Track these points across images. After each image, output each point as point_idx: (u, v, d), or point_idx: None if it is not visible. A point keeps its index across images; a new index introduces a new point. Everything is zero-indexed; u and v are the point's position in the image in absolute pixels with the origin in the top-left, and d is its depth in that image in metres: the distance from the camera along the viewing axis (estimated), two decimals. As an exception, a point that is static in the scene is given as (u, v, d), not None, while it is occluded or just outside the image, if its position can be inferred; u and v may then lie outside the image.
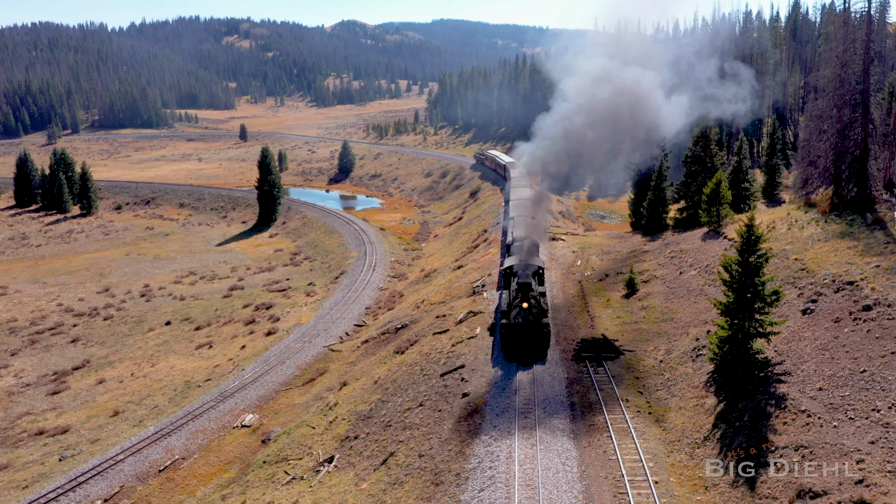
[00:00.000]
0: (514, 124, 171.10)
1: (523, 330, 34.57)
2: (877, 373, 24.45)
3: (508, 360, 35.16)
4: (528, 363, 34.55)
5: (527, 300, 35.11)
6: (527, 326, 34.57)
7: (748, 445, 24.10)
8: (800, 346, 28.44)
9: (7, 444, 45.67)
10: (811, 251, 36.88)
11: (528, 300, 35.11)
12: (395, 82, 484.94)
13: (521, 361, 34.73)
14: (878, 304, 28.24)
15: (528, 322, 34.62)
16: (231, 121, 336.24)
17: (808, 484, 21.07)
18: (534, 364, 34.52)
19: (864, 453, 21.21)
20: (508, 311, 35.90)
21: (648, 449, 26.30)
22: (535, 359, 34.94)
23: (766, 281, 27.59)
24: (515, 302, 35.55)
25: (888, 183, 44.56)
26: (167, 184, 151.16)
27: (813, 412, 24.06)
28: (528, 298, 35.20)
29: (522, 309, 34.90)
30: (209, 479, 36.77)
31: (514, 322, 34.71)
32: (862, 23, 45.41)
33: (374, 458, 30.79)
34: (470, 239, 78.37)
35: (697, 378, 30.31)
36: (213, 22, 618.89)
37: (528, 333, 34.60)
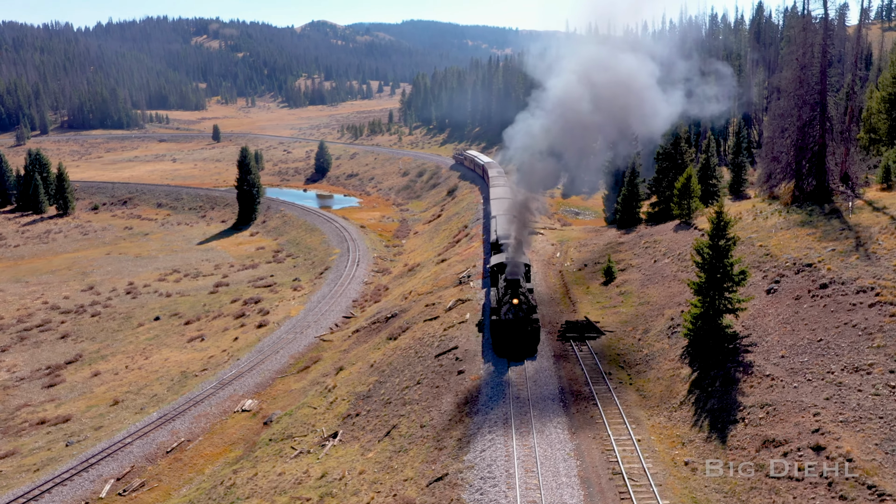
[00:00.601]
0: (489, 124, 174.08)
1: (513, 326, 35.09)
2: (831, 341, 27.54)
3: (499, 355, 35.80)
4: (519, 359, 35.23)
5: (517, 297, 35.65)
6: (516, 322, 35.07)
7: (720, 406, 27.03)
8: (764, 321, 31.52)
9: (9, 434, 46.94)
10: (774, 238, 40.12)
11: (517, 297, 35.65)
12: (367, 83, 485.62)
13: (512, 357, 35.38)
14: (833, 282, 31.42)
15: (518, 318, 35.12)
16: (202, 121, 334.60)
17: (772, 435, 24.03)
18: (525, 360, 35.16)
19: (819, 408, 24.21)
20: (498, 308, 36.36)
21: (631, 414, 29.12)
22: (525, 354, 35.60)
23: (734, 262, 30.59)
24: (505, 299, 36.04)
25: (844, 176, 48.03)
26: (144, 184, 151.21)
27: (776, 376, 27.07)
28: (518, 295, 35.74)
29: (512, 305, 35.43)
30: (216, 458, 38.76)
31: (505, 318, 35.24)
32: (819, 28, 48.90)
33: (378, 431, 33.17)
34: (451, 235, 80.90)
35: (673, 352, 33.26)
36: (182, 22, 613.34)
37: (518, 329, 35.13)
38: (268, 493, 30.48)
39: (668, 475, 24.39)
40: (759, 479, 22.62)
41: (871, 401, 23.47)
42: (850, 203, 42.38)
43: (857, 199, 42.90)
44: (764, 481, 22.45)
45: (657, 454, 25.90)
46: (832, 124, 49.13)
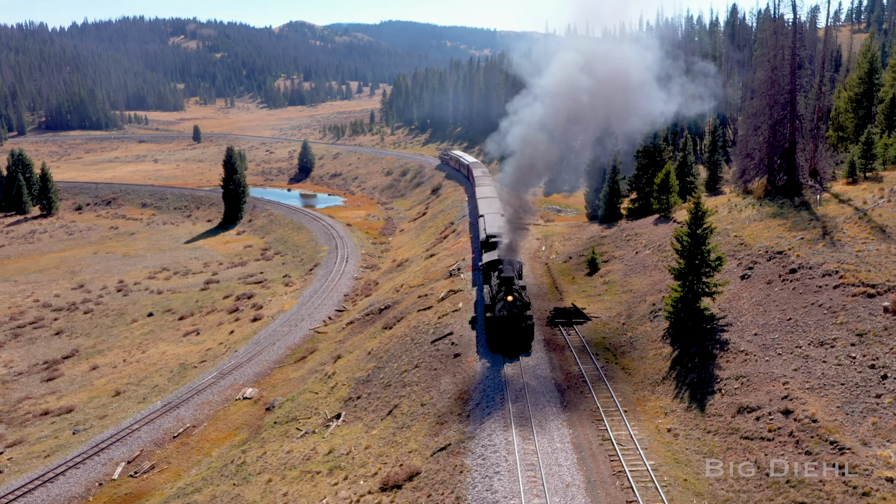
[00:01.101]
0: (470, 124, 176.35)
1: (508, 322, 35.49)
2: (799, 319, 30.09)
3: (494, 351, 36.28)
4: (514, 355, 35.66)
5: (511, 293, 36.02)
6: (511, 319, 35.47)
7: (698, 380, 29.47)
8: (739, 304, 34.06)
9: (14, 425, 48.17)
10: (748, 229, 42.77)
11: (512, 293, 36.05)
12: (346, 83, 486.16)
13: (507, 353, 35.87)
14: (802, 267, 34.03)
15: (513, 315, 35.51)
16: (181, 122, 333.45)
17: (746, 403, 26.48)
18: (519, 356, 35.58)
19: (788, 378, 26.70)
20: (493, 305, 36.71)
21: (618, 389, 31.47)
22: (519, 350, 36.03)
23: (711, 250, 33.08)
24: (500, 295, 36.40)
25: (813, 171, 50.92)
26: (128, 184, 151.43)
27: (749, 351, 29.57)
28: (513, 292, 36.15)
29: (507, 302, 35.78)
30: (221, 441, 40.52)
31: (500, 315, 35.66)
32: (789, 31, 51.78)
33: (380, 411, 35.21)
34: (437, 231, 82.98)
35: (655, 334, 35.69)
36: (159, 22, 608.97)
37: (512, 325, 35.52)
38: (278, 469, 32.39)
39: (653, 440, 26.74)
40: (735, 441, 25.05)
41: (834, 370, 25.99)
42: (818, 196, 45.20)
43: (824, 193, 45.75)
44: (739, 442, 24.88)
45: (642, 423, 28.26)
46: (802, 123, 52.04)
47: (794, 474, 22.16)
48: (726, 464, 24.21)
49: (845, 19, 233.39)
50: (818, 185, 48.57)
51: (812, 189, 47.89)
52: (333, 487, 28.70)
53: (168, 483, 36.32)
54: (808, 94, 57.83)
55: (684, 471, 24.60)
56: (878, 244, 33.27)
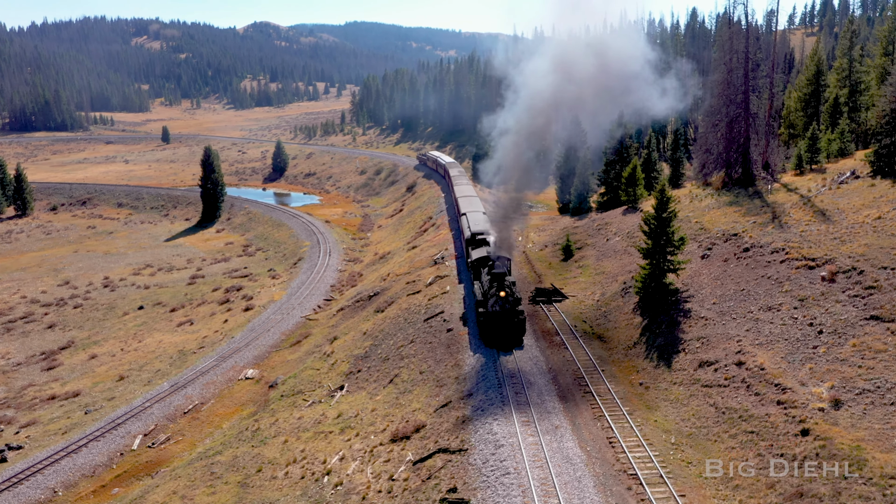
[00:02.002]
0: (441, 124, 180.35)
1: (501, 317, 36.09)
2: (751, 290, 34.61)
3: (488, 346, 36.91)
4: (507, 349, 36.29)
5: (503, 289, 36.64)
6: (504, 314, 36.06)
7: (665, 342, 33.80)
8: (700, 279, 38.53)
9: (23, 409, 50.54)
10: (707, 216, 47.43)
11: (504, 289, 36.69)
12: (313, 84, 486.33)
13: (500, 347, 36.41)
14: (754, 246, 38.65)
15: (506, 310, 36.10)
16: (147, 123, 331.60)
17: (706, 358, 30.84)
18: (513, 350, 36.26)
19: (741, 337, 31.13)
20: (485, 301, 37.45)
21: (595, 353, 35.66)
22: (513, 345, 36.66)
23: (675, 231, 37.47)
24: (492, 291, 36.99)
25: (765, 164, 55.90)
26: (103, 184, 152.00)
27: (709, 317, 33.99)
28: (505, 287, 36.84)
29: (500, 298, 36.32)
30: (230, 416, 43.72)
31: (492, 310, 36.20)
32: (743, 35, 56.69)
33: (381, 380, 38.87)
34: (416, 226, 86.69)
35: (627, 307, 40.01)
36: (121, 22, 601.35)
37: (506, 320, 36.18)
38: (292, 432, 35.86)
39: (627, 392, 30.95)
40: (696, 389, 29.38)
41: (779, 329, 30.47)
42: (770, 186, 50.12)
43: (775, 183, 50.70)
44: (700, 389, 29.20)
45: (618, 379, 32.48)
46: (755, 120, 57.05)
47: (746, 411, 26.52)
48: (689, 407, 28.52)
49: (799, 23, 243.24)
50: (770, 176, 53.54)
51: (764, 180, 52.83)
52: (347, 443, 32.32)
53: (185, 451, 39.44)
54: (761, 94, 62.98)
55: (655, 414, 28.83)
56: (819, 225, 38.02)
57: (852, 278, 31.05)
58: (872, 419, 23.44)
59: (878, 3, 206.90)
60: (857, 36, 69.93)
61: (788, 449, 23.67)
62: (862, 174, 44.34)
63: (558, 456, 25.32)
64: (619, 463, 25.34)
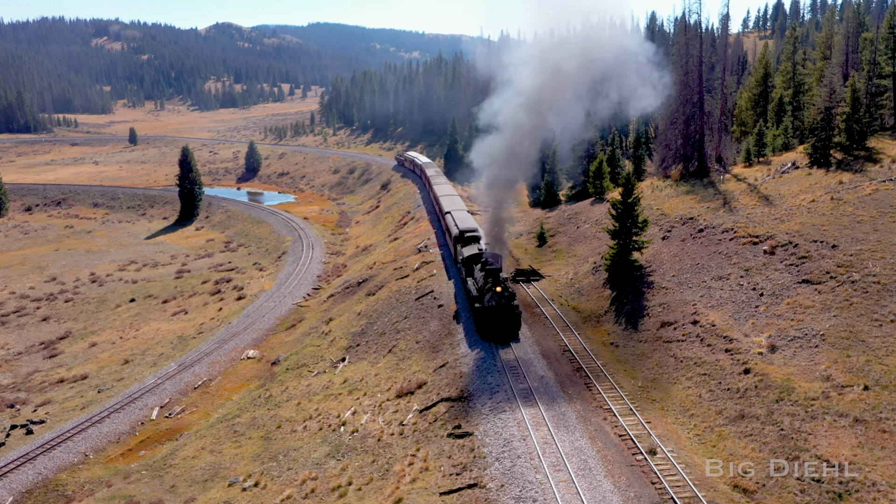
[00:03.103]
0: (411, 124, 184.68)
1: (497, 312, 36.85)
2: (704, 263, 39.91)
3: (485, 339, 37.71)
4: (505, 342, 37.08)
5: (499, 284, 37.36)
6: (500, 309, 36.81)
7: (632, 309, 38.91)
8: (661, 256, 43.78)
9: (34, 391, 53.48)
10: (667, 203, 52.83)
11: (500, 284, 37.40)
12: (278, 86, 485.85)
13: (498, 341, 37.22)
14: (707, 227, 44.05)
15: (502, 305, 36.87)
16: (112, 125, 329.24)
17: (666, 319, 35.99)
18: (510, 343, 36.97)
19: (696, 301, 36.35)
20: (481, 297, 38.25)
21: (571, 321, 40.61)
22: (509, 338, 37.38)
23: (639, 214, 42.63)
24: (487, 287, 37.68)
25: (718, 158, 61.65)
26: (77, 185, 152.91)
27: (669, 287, 39.19)
28: (500, 283, 37.53)
29: (496, 293, 37.07)
30: (238, 389, 47.61)
31: (489, 305, 36.95)
32: (697, 39, 62.37)
33: (380, 351, 43.27)
34: (395, 220, 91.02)
35: (597, 282, 45.10)
36: (80, 23, 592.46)
37: (502, 315, 36.94)
38: (303, 396, 40.07)
39: (601, 350, 35.95)
40: (659, 344, 34.49)
41: (728, 293, 35.76)
42: (722, 177, 55.77)
43: (726, 174, 56.37)
44: (662, 345, 34.32)
45: (592, 340, 37.46)
46: (710, 119, 62.81)
47: (699, 358, 31.67)
48: (653, 359, 33.62)
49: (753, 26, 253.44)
50: (722, 168, 59.27)
51: (717, 172, 58.52)
52: (356, 401, 36.70)
53: (201, 420, 43.27)
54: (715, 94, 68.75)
55: (624, 366, 33.85)
56: (763, 208, 43.56)
57: (788, 251, 36.50)
58: (800, 359, 28.71)
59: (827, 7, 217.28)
60: (800, 41, 76.36)
61: (733, 384, 28.84)
62: (801, 165, 50.17)
63: (545, 398, 30.11)
64: (595, 402, 30.25)
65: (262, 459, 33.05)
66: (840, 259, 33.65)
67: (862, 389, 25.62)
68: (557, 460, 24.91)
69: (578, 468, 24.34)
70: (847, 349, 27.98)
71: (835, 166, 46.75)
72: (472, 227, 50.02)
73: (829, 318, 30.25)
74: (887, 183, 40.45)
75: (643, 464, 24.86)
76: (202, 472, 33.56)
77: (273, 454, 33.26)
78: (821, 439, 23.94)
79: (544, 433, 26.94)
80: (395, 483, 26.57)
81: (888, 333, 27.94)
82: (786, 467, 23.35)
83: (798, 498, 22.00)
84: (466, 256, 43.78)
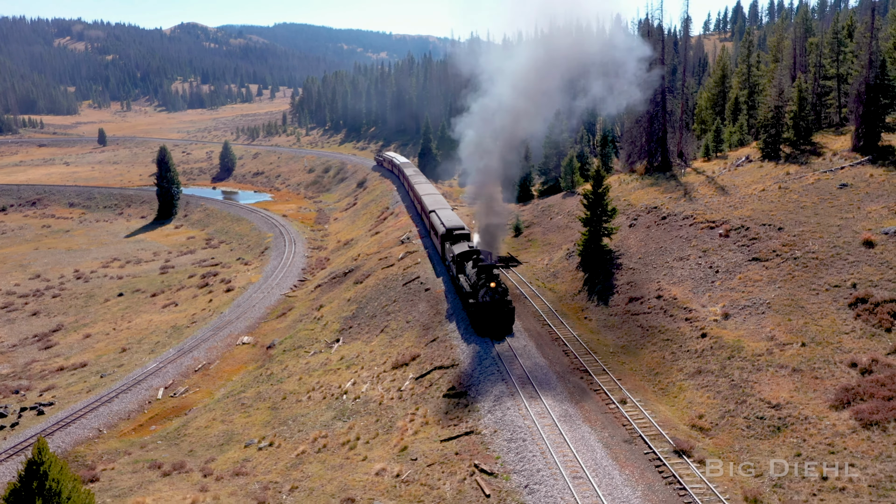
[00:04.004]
0: (384, 124, 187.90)
1: (492, 308, 37.67)
2: (667, 246, 44.26)
3: (481, 335, 38.36)
4: (500, 337, 37.96)
5: (493, 280, 38.15)
6: (494, 304, 37.68)
7: (603, 288, 43.07)
8: (628, 242, 48.06)
9: (35, 378, 55.80)
10: (633, 195, 57.23)
11: (494, 280, 38.18)
12: (246, 86, 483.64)
13: (492, 336, 38.04)
14: (670, 215, 48.46)
15: (496, 300, 37.74)
16: (78, 126, 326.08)
17: (634, 295, 40.21)
18: (505, 338, 37.88)
19: (660, 279, 40.62)
20: (475, 293, 38.77)
21: (549, 299, 44.63)
22: (503, 333, 38.25)
23: (608, 203, 46.84)
24: (482, 283, 38.34)
25: (680, 153, 66.39)
26: (52, 185, 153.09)
27: (636, 268, 43.44)
28: (494, 279, 38.30)
29: (490, 289, 37.82)
30: (237, 371, 50.64)
31: (483, 301, 37.75)
32: (660, 42, 66.97)
33: (372, 331, 46.80)
34: (374, 216, 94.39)
35: (571, 266, 49.23)
36: (41, 23, 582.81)
37: (496, 310, 37.73)
38: (303, 372, 43.42)
39: (576, 324, 40.00)
40: (627, 317, 38.66)
41: (688, 272, 40.09)
42: (683, 170, 60.40)
43: (687, 168, 61.03)
44: (630, 317, 38.49)
45: (567, 316, 41.51)
46: (672, 117, 67.53)
47: (663, 327, 35.90)
48: (622, 329, 37.78)
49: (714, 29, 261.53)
50: (683, 163, 63.98)
51: (679, 166, 63.19)
52: (355, 374, 40.22)
53: (205, 398, 46.31)
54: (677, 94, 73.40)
55: (596, 336, 37.96)
56: (719, 197, 48.11)
57: (741, 233, 40.98)
58: (749, 324, 33.05)
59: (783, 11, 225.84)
60: (755, 45, 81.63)
61: (692, 347, 33.09)
62: (754, 159, 54.96)
63: (528, 363, 34.02)
64: (572, 365, 34.25)
65: (273, 425, 36.41)
66: (785, 239, 38.18)
67: (800, 346, 30.00)
68: (542, 410, 28.82)
69: (560, 416, 28.27)
70: (788, 314, 32.39)
71: (783, 159, 51.56)
72: (459, 225, 50.74)
73: (774, 289, 34.68)
74: (828, 173, 45.26)
75: (616, 411, 28.91)
76: (217, 438, 36.78)
77: (282, 420, 36.63)
78: (764, 386, 28.22)
79: (530, 391, 30.82)
80: (399, 435, 30.22)
81: (823, 300, 32.42)
82: (735, 409, 27.57)
83: (745, 432, 26.22)
84: (458, 254, 44.16)
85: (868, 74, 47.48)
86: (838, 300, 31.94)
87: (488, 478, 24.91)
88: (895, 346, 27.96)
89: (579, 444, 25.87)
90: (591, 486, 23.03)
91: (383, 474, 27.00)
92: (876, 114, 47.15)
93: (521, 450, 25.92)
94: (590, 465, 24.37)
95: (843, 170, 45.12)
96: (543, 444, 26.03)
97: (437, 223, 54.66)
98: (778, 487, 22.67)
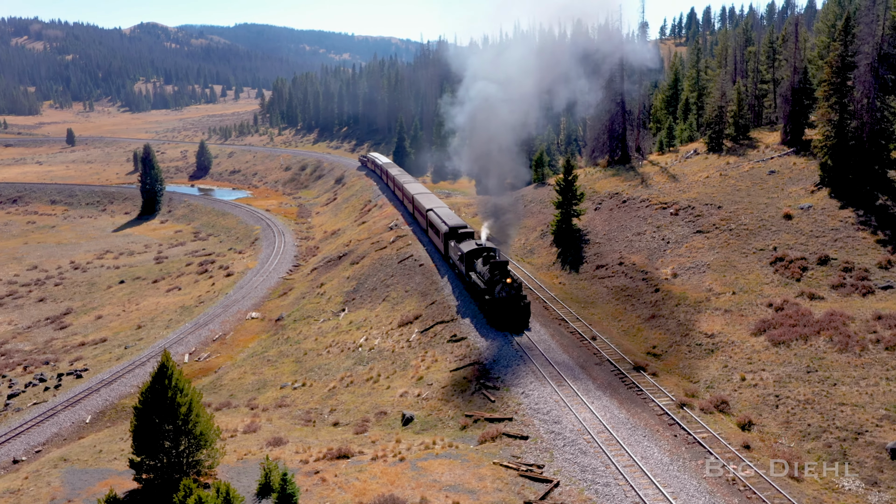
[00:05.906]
0: (356, 124, 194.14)
1: (508, 303, 38.74)
2: (627, 224, 52.21)
3: (498, 329, 39.43)
4: (518, 331, 38.93)
5: (509, 275, 39.27)
6: (510, 300, 38.77)
7: (573, 259, 50.82)
8: (594, 222, 55.94)
9: (59, 352, 61.14)
10: (598, 184, 65.25)
11: (509, 276, 39.28)
12: (210, 87, 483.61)
13: (511, 329, 39.02)
14: (629, 199, 56.48)
15: (512, 296, 38.81)
16: (41, 126, 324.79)
17: (600, 263, 48.03)
18: (523, 331, 38.95)
19: (622, 250, 48.51)
20: (490, 289, 39.58)
21: (528, 270, 52.18)
22: (521, 327, 39.33)
23: (577, 188, 54.63)
24: (496, 278, 39.31)
25: (637, 148, 74.69)
26: (31, 183, 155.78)
27: (601, 242, 51.30)
28: (509, 274, 39.39)
29: (506, 284, 38.83)
30: (251, 340, 56.97)
31: (499, 296, 38.79)
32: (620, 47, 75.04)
33: (375, 301, 53.74)
34: (357, 208, 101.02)
35: (545, 244, 56.93)
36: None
37: (513, 304, 38.83)
38: (318, 335, 50.14)
39: (552, 287, 47.62)
40: (595, 280, 46.42)
41: (645, 243, 48.02)
42: (640, 163, 68.63)
43: (644, 160, 69.29)
44: (597, 280, 46.26)
45: (545, 281, 49.12)
46: (630, 116, 75.82)
47: (624, 286, 43.72)
48: (590, 290, 45.58)
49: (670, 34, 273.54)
50: (641, 156, 72.29)
51: (637, 159, 71.46)
52: (366, 332, 47.17)
53: (227, 362, 52.65)
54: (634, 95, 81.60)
55: (570, 295, 45.64)
56: (671, 184, 56.28)
57: (688, 212, 49.08)
58: (693, 280, 41.02)
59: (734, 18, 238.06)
60: (704, 51, 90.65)
61: (647, 299, 40.94)
62: (701, 152, 63.37)
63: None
64: (551, 315, 41.80)
65: (300, 373, 43.18)
66: (723, 215, 46.35)
67: (731, 294, 38.01)
68: (530, 343, 36.28)
69: (544, 350, 35.75)
70: (724, 272, 40.43)
71: (725, 152, 60.01)
72: (461, 224, 51.45)
73: (713, 254, 42.74)
74: (760, 163, 53.73)
75: (587, 345, 36.57)
76: (252, 385, 43.38)
77: (308, 369, 43.43)
78: (703, 323, 36.12)
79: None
80: (414, 371, 37.37)
81: (751, 261, 40.54)
82: (680, 340, 35.42)
83: (687, 355, 34.07)
84: (467, 252, 44.43)
85: (794, 79, 56.10)
86: (762, 260, 40.09)
87: (491, 390, 32.24)
88: (801, 290, 36.12)
89: (561, 368, 33.37)
90: (571, 388, 30.58)
91: (406, 395, 34.14)
92: (800, 113, 55.75)
93: (516, 371, 33.33)
94: (569, 377, 31.91)
95: (772, 159, 53.63)
96: (533, 365, 33.48)
97: (437, 222, 55.13)
98: (710, 388, 30.50)
